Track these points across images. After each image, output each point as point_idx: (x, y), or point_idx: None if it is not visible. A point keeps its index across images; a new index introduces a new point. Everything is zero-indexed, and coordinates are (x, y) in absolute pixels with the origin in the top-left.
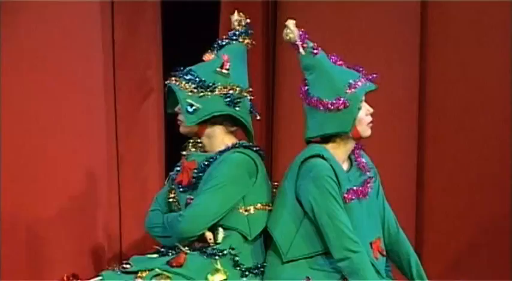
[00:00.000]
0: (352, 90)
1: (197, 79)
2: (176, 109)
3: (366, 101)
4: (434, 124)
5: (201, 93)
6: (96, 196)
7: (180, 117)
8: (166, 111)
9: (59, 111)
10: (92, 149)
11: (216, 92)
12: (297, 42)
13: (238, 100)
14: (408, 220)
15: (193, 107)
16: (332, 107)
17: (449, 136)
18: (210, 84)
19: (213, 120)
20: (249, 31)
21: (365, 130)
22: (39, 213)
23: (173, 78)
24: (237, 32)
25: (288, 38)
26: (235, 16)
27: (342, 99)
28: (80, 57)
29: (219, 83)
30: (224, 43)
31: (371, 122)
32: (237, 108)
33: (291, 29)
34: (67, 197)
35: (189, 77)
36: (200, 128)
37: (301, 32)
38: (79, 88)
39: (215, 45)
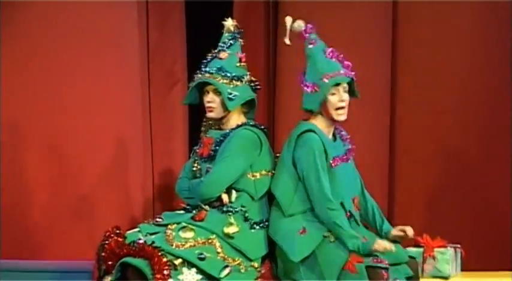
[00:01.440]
0: (325, 80)
1: (228, 74)
2: (209, 98)
3: (348, 91)
4: (404, 111)
5: (236, 84)
6: (133, 165)
7: (212, 104)
8: (185, 102)
9: (105, 98)
10: (130, 128)
11: (245, 82)
12: (302, 33)
13: (258, 86)
14: (382, 185)
15: (233, 95)
16: (308, 89)
17: (418, 122)
18: (239, 76)
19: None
20: (241, 32)
21: (335, 114)
22: (89, 180)
23: (207, 75)
24: (236, 34)
25: (294, 28)
26: (231, 21)
27: (316, 84)
28: (120, 53)
29: (244, 75)
30: (231, 43)
31: (342, 108)
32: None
33: (296, 23)
34: (110, 167)
35: (223, 73)
36: (228, 112)
37: (306, 26)
38: (120, 79)
39: (224, 44)
